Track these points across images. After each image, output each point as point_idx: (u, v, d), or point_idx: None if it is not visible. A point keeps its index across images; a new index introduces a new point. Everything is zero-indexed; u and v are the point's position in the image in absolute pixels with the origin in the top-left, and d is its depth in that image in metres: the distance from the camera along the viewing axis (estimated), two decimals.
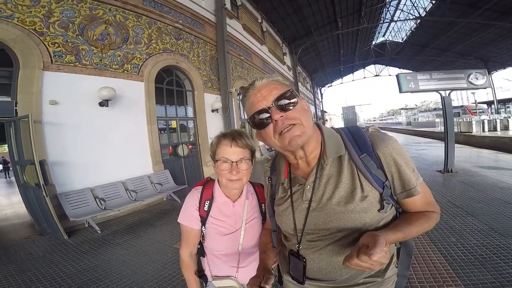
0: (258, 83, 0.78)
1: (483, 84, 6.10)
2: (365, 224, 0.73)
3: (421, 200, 0.76)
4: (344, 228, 0.74)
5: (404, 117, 48.69)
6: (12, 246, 3.76)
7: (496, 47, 19.99)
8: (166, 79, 7.06)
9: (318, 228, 0.78)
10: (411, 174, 0.74)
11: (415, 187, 0.74)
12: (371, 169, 0.74)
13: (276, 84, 0.77)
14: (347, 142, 0.79)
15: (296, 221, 0.82)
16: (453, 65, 24.03)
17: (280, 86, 0.76)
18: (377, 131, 0.81)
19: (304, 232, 0.81)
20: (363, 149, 0.77)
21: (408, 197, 0.75)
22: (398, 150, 0.74)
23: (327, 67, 30.50)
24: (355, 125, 0.87)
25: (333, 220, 0.75)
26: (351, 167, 0.76)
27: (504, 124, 16.46)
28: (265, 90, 0.75)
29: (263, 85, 0.77)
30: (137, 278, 2.70)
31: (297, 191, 0.84)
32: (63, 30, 4.61)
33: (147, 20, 6.32)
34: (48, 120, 4.36)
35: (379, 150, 0.75)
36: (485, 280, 2.16)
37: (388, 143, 0.75)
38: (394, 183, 0.75)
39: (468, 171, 6.29)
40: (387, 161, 0.74)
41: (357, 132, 0.81)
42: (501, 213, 3.58)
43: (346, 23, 18.43)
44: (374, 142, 0.76)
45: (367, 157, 0.75)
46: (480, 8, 14.10)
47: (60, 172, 4.43)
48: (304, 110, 0.76)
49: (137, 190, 5.35)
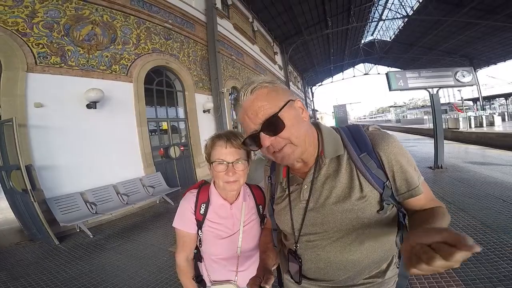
0: (243, 99, 0.71)
1: (469, 81, 6.24)
2: (363, 224, 0.73)
3: (424, 198, 0.75)
4: (341, 228, 0.74)
5: (393, 114, 49.64)
6: (2, 253, 3.64)
7: (481, 45, 20.49)
8: (156, 80, 6.94)
9: (315, 228, 0.78)
10: (413, 173, 0.73)
11: (418, 186, 0.72)
12: (371, 169, 0.73)
13: (262, 99, 0.69)
14: (346, 142, 0.78)
15: (293, 221, 0.82)
16: (439, 63, 24.64)
17: (265, 103, 0.69)
18: (378, 130, 0.80)
19: (301, 232, 0.81)
20: (363, 148, 0.75)
21: (411, 196, 0.73)
22: (400, 149, 0.73)
23: (317, 66, 30.79)
24: (355, 124, 0.86)
25: (331, 220, 0.75)
26: (350, 166, 0.75)
27: (490, 120, 16.95)
28: (251, 112, 0.70)
29: (248, 104, 0.70)
30: (132, 283, 2.65)
31: (295, 190, 0.83)
32: (47, 30, 4.46)
33: (136, 20, 6.19)
34: (33, 123, 4.21)
35: (380, 149, 0.73)
36: (482, 275, 2.19)
37: (389, 142, 0.73)
38: (396, 183, 0.73)
39: (457, 167, 6.43)
40: (388, 160, 0.72)
41: (357, 132, 0.79)
42: (492, 208, 3.65)
43: (336, 22, 18.61)
44: (375, 141, 0.74)
45: (367, 156, 0.74)
46: (466, 6, 14.40)
47: (48, 176, 4.30)
48: (295, 122, 0.70)
49: (129, 194, 5.26)
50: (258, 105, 0.69)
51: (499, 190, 4.36)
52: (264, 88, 0.71)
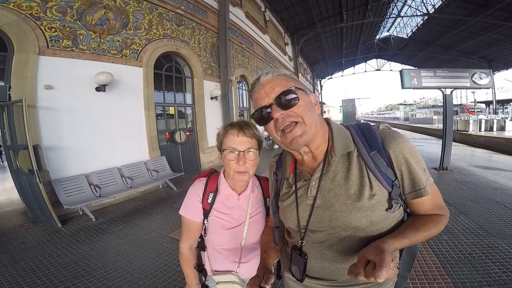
0: (263, 79, 0.78)
1: (486, 84, 6.08)
2: (371, 223, 0.72)
3: (430, 201, 0.74)
4: (349, 226, 0.73)
5: (402, 112, 48.78)
6: (5, 235, 3.67)
7: (502, 48, 19.74)
8: (166, 65, 6.93)
9: (322, 226, 0.77)
10: (422, 174, 0.73)
11: (425, 188, 0.72)
12: (380, 167, 0.72)
13: (281, 80, 0.76)
14: (356, 139, 0.78)
15: (299, 218, 0.81)
16: (455, 63, 23.91)
17: (284, 82, 0.75)
18: (388, 129, 0.80)
19: (307, 229, 0.80)
20: (373, 146, 0.75)
21: (417, 197, 0.73)
22: (410, 149, 0.73)
23: (328, 59, 30.15)
24: (366, 122, 0.86)
25: (339, 218, 0.74)
26: (359, 164, 0.75)
27: (501, 125, 16.49)
28: (269, 87, 0.75)
29: (267, 81, 0.77)
30: (132, 269, 2.69)
31: (302, 186, 0.82)
32: (60, 14, 4.46)
33: (148, 6, 6.13)
34: (42, 105, 4.27)
35: (390, 148, 0.73)
36: (473, 279, 2.23)
37: (399, 141, 0.73)
38: (403, 182, 0.73)
39: (462, 169, 6.37)
40: (397, 159, 0.72)
41: (367, 129, 0.79)
42: (492, 213, 3.65)
43: (352, 16, 18.06)
44: (385, 140, 0.74)
45: (377, 154, 0.73)
46: (492, 7, 13.82)
47: (55, 157, 4.37)
48: (308, 107, 0.74)
49: (133, 177, 5.33)
50: (277, 82, 0.76)
51: (501, 196, 4.34)
52: (285, 76, 0.79)
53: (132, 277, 2.54)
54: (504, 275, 2.24)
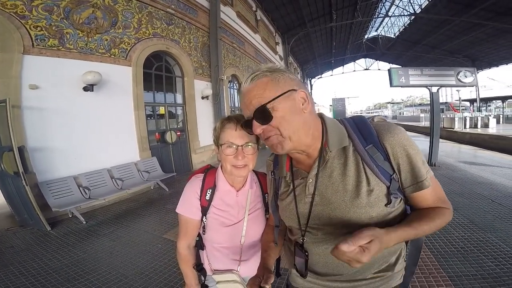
0: (243, 86, 0.74)
1: (471, 82, 6.29)
2: (371, 218, 0.70)
3: (431, 195, 0.73)
4: (349, 223, 0.71)
5: (390, 111, 49.74)
6: None
7: (486, 47, 20.30)
8: (155, 65, 6.82)
9: (322, 223, 0.76)
10: (421, 166, 0.70)
11: (426, 180, 0.70)
12: (377, 161, 0.70)
13: (258, 88, 0.70)
14: (351, 133, 0.75)
15: (299, 216, 0.80)
16: (441, 62, 24.47)
17: (261, 91, 0.69)
18: (384, 121, 0.79)
19: (308, 227, 0.79)
20: (368, 140, 0.73)
21: (417, 190, 0.71)
22: (406, 140, 0.71)
23: (318, 59, 30.39)
24: (360, 115, 0.84)
25: (338, 215, 0.72)
26: (356, 159, 0.73)
27: (485, 122, 17.13)
28: (247, 98, 0.72)
29: (246, 90, 0.73)
30: (126, 271, 2.64)
31: (300, 184, 0.81)
32: (47, 13, 4.33)
33: (138, 4, 6.02)
34: (28, 105, 4.13)
35: (386, 140, 0.71)
36: (468, 272, 2.28)
37: (395, 133, 0.71)
38: (402, 175, 0.71)
39: (450, 165, 6.55)
40: (394, 152, 0.70)
41: (362, 123, 0.77)
42: (480, 207, 3.75)
43: (341, 16, 18.24)
44: (381, 133, 0.72)
45: (373, 148, 0.71)
46: (476, 7, 14.16)
47: (41, 159, 4.24)
48: (287, 115, 0.69)
49: (123, 178, 5.23)
50: (253, 93, 0.70)
51: (488, 190, 4.48)
52: (265, 77, 0.70)
53: (126, 279, 2.49)
54: (497, 268, 2.30)
